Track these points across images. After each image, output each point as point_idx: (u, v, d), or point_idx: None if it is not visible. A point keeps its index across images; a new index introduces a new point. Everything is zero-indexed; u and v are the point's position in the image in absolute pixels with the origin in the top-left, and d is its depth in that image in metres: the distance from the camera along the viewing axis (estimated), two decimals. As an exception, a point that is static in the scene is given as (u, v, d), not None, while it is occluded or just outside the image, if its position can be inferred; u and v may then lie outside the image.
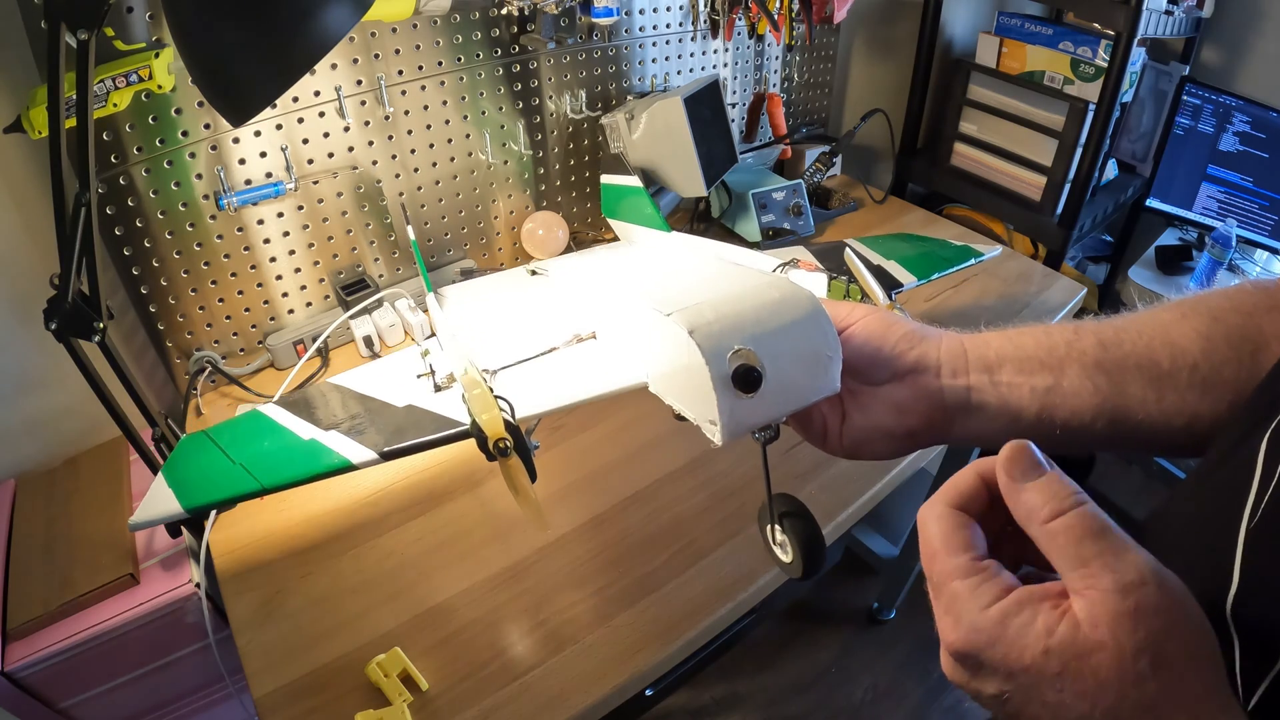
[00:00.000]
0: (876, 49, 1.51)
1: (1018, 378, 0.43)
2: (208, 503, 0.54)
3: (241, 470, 0.56)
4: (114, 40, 0.71)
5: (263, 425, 0.62)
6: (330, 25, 0.54)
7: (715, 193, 1.21)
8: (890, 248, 0.92)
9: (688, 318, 0.41)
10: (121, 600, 0.73)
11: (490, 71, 0.99)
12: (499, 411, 0.50)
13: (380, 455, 0.53)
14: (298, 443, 0.58)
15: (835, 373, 0.42)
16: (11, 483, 0.85)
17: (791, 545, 0.47)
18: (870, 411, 0.44)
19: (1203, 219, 1.56)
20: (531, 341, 0.61)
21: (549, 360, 0.59)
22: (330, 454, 0.55)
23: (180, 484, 0.56)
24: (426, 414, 0.57)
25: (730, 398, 0.39)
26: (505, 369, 0.58)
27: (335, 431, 0.57)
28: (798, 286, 0.44)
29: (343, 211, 0.95)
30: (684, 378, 0.42)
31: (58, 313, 0.63)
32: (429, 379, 0.61)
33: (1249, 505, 0.30)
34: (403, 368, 0.65)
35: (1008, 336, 0.45)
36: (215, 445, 0.60)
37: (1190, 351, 0.41)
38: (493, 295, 0.83)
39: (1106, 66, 1.24)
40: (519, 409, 0.51)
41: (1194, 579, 0.31)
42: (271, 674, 0.62)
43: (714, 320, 0.40)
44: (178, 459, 0.60)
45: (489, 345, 0.63)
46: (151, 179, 0.80)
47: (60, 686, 0.73)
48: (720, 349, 0.39)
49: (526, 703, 0.59)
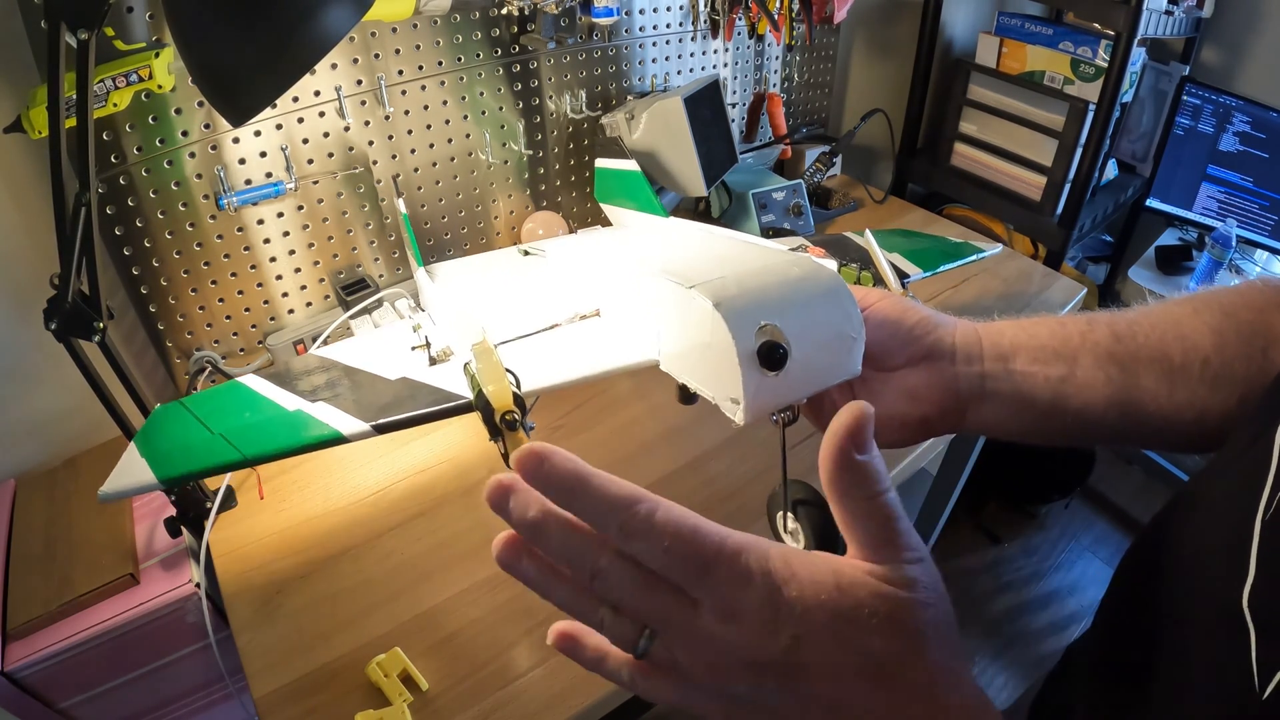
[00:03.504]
0: (876, 49, 1.51)
1: (1032, 367, 0.43)
2: (185, 473, 0.51)
3: (222, 441, 0.53)
4: (114, 40, 0.71)
5: (243, 396, 0.58)
6: (330, 25, 0.54)
7: (715, 193, 1.21)
8: (892, 243, 0.92)
9: (712, 291, 0.39)
10: (121, 600, 0.73)
11: (490, 71, 0.99)
12: (508, 383, 0.47)
13: (374, 428, 0.51)
14: (281, 414, 0.55)
15: (858, 354, 0.41)
16: (11, 483, 0.85)
17: (804, 534, 0.47)
18: (883, 398, 0.44)
19: (1203, 219, 1.56)
20: (530, 319, 0.59)
21: (551, 337, 0.57)
22: (318, 425, 0.52)
23: (155, 455, 0.53)
24: (422, 386, 0.55)
25: (756, 375, 0.38)
26: (505, 344, 0.56)
27: (323, 403, 0.55)
28: (820, 264, 0.43)
29: (343, 211, 0.95)
30: (704, 354, 0.41)
31: (58, 313, 0.63)
32: (424, 351, 0.59)
33: (1265, 497, 0.30)
34: (393, 341, 0.62)
35: (1022, 326, 0.45)
36: (193, 415, 0.57)
37: (1202, 346, 0.41)
38: (485, 273, 0.81)
39: (1106, 66, 1.24)
40: (524, 384, 0.50)
41: (1210, 571, 0.31)
42: (271, 674, 0.62)
43: (739, 295, 0.39)
44: (151, 429, 0.57)
45: (484, 321, 0.60)
46: (151, 179, 0.80)
47: (60, 686, 0.73)
48: (746, 324, 0.38)
49: (526, 703, 0.59)
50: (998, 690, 1.49)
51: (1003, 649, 1.55)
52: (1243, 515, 0.30)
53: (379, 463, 0.82)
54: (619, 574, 0.28)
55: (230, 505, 0.77)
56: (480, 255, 0.90)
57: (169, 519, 0.75)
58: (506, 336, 0.57)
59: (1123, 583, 0.40)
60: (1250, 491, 0.31)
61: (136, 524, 0.80)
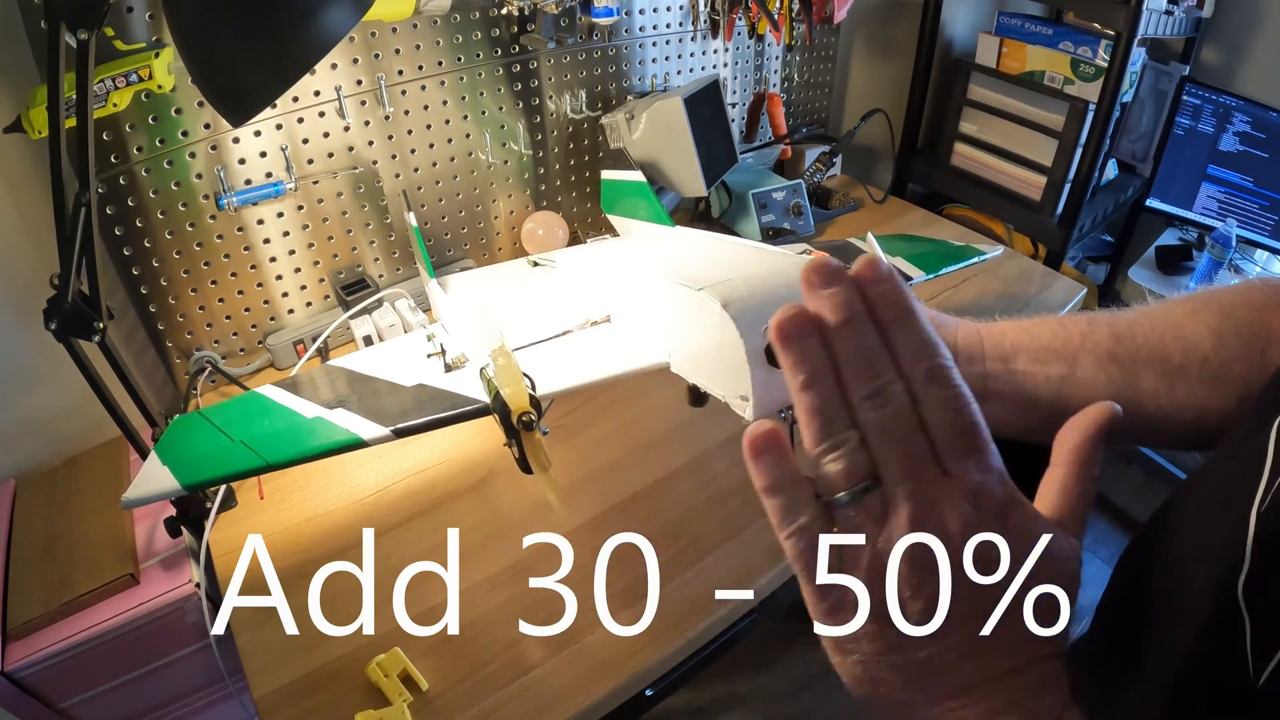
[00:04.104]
0: (876, 49, 1.51)
1: (1033, 367, 0.43)
2: (208, 479, 0.52)
3: (243, 448, 0.54)
4: (114, 40, 0.71)
5: (262, 405, 0.60)
6: (330, 26, 0.54)
7: (715, 193, 1.21)
8: (894, 246, 0.92)
9: (721, 292, 0.41)
10: (121, 600, 0.73)
11: (490, 71, 0.99)
12: (525, 385, 0.48)
13: (393, 432, 0.52)
14: (301, 421, 0.56)
15: None
16: (11, 483, 0.85)
17: None
18: None
19: (1203, 219, 1.56)
20: (542, 326, 0.60)
21: (563, 343, 0.58)
22: (338, 430, 0.53)
23: (177, 462, 0.54)
24: (438, 392, 0.56)
25: (764, 372, 0.39)
26: (519, 350, 0.57)
27: (341, 409, 0.56)
28: None
29: (343, 211, 0.95)
30: (713, 354, 0.42)
31: (58, 313, 0.63)
32: (439, 359, 0.60)
33: (1260, 490, 0.31)
34: (405, 351, 0.64)
35: (1023, 327, 0.45)
36: (212, 425, 0.58)
37: (1201, 346, 0.41)
38: (496, 284, 0.82)
39: (1106, 66, 1.24)
40: (539, 388, 0.51)
41: (1206, 562, 0.32)
42: (271, 674, 0.62)
43: (748, 296, 0.40)
44: (171, 439, 0.58)
45: (497, 331, 0.62)
46: (151, 179, 0.80)
47: (60, 686, 0.73)
48: (754, 323, 0.39)
49: (526, 703, 0.59)
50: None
51: (1003, 649, 1.55)
52: (1239, 507, 0.31)
53: (379, 463, 0.82)
54: (899, 404, 0.27)
55: (230, 505, 0.77)
56: (490, 267, 0.92)
57: (169, 519, 0.75)
58: (520, 343, 0.58)
59: (1122, 576, 0.41)
60: (1247, 484, 0.31)
61: (136, 524, 0.80)
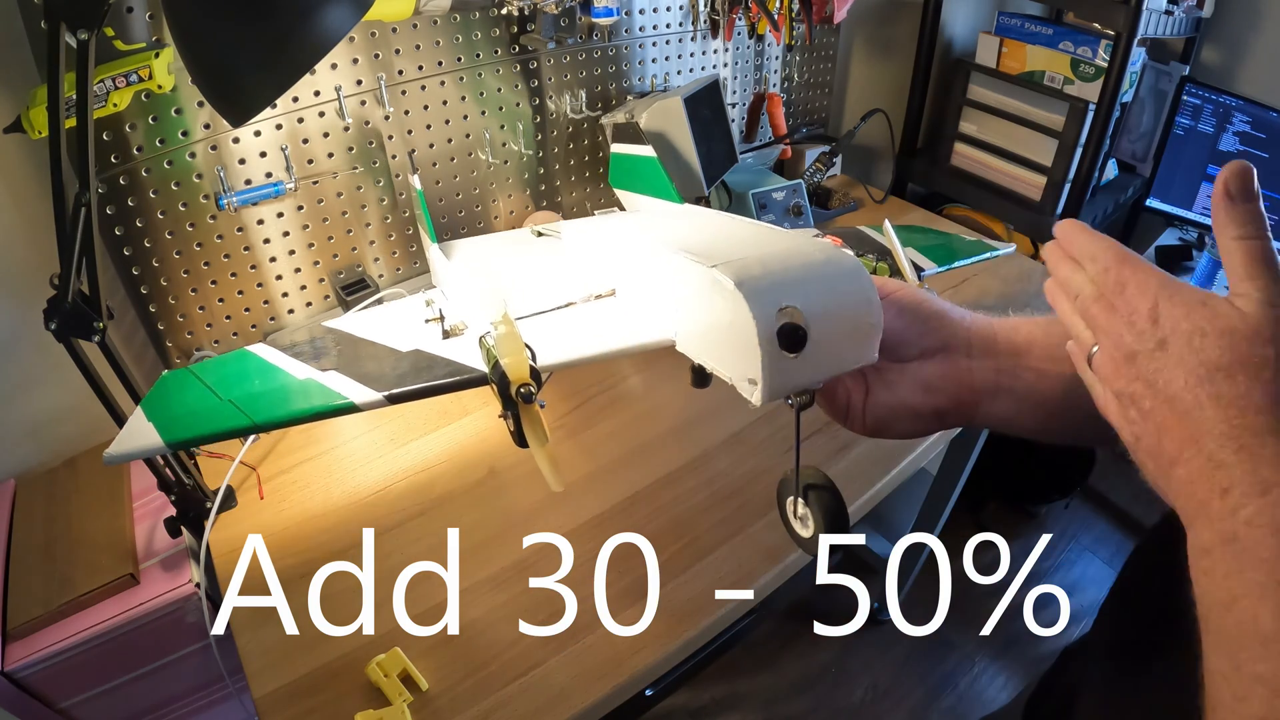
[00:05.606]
0: (876, 49, 1.51)
1: (1046, 364, 0.43)
2: (193, 437, 0.50)
3: (231, 407, 0.52)
4: (114, 40, 0.71)
5: (253, 365, 0.57)
6: (330, 25, 0.54)
7: (715, 193, 1.21)
8: (907, 238, 0.91)
9: (734, 270, 0.39)
10: (121, 600, 0.73)
11: (490, 71, 0.99)
12: (525, 356, 0.47)
13: (387, 397, 0.50)
14: (292, 382, 0.54)
15: (875, 342, 0.41)
16: (11, 483, 0.85)
17: (814, 518, 0.47)
18: (897, 389, 0.44)
19: (1203, 219, 1.56)
20: (544, 297, 0.58)
21: (566, 315, 0.56)
22: (330, 393, 0.51)
23: (162, 419, 0.52)
24: (435, 359, 0.54)
25: (775, 356, 0.38)
26: (520, 320, 0.54)
27: (334, 372, 0.54)
28: (843, 251, 0.43)
29: (343, 211, 0.95)
30: (723, 334, 0.41)
31: (58, 313, 0.63)
32: (437, 324, 0.58)
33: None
34: (403, 316, 0.62)
35: (1037, 323, 0.45)
36: (201, 382, 0.56)
37: None
38: (499, 252, 0.80)
39: (1106, 66, 1.24)
40: (539, 359, 0.49)
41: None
42: (271, 674, 0.62)
43: (761, 275, 0.39)
44: (159, 395, 0.56)
45: (498, 298, 0.59)
46: (151, 179, 0.80)
47: (60, 686, 0.73)
48: (768, 304, 0.38)
49: (526, 703, 0.59)
50: (997, 690, 1.49)
51: (1003, 649, 1.55)
52: None
53: (379, 462, 0.82)
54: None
55: (230, 505, 0.77)
56: (493, 235, 0.89)
57: (169, 519, 0.75)
58: (521, 313, 0.56)
59: (1134, 569, 0.41)
60: None
61: (136, 524, 0.80)
